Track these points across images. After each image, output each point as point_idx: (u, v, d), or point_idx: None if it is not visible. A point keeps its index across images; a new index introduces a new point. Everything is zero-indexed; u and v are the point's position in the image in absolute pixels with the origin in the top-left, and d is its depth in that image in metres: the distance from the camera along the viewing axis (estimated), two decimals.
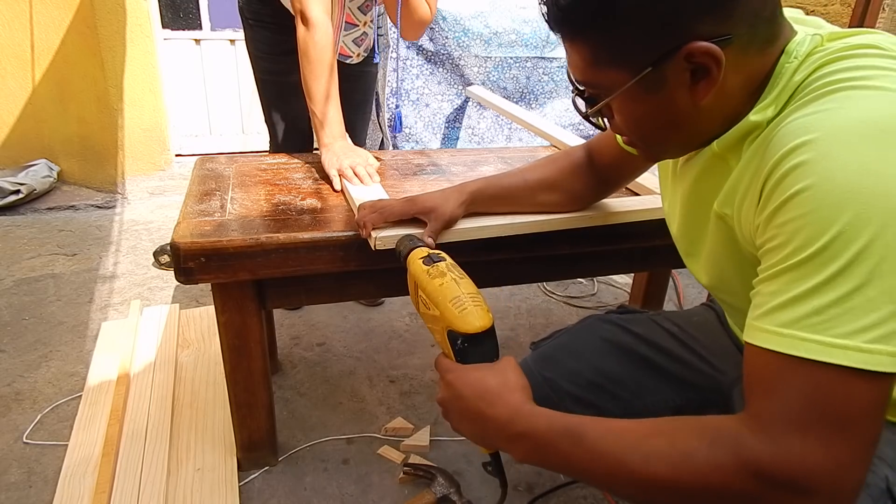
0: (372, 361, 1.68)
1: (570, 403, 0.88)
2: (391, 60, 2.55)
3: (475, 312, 0.68)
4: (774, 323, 0.51)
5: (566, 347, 0.95)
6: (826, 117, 0.51)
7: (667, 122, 0.62)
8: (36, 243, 2.33)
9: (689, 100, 0.59)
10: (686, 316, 0.98)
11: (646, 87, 0.59)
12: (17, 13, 2.59)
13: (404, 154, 1.63)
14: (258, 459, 1.28)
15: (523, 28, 2.69)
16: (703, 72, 0.56)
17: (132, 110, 2.78)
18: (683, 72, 0.57)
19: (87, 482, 1.19)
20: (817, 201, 0.49)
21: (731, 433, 0.51)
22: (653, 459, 0.54)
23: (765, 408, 0.51)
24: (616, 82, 0.60)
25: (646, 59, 0.57)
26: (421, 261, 0.76)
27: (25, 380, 1.54)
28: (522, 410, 0.63)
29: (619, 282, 2.22)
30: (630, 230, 1.15)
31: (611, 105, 0.65)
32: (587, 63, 0.61)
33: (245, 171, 1.36)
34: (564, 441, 0.59)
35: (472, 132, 2.89)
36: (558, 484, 1.26)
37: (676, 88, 0.58)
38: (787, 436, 0.49)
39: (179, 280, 1.01)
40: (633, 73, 0.58)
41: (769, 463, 0.49)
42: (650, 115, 0.62)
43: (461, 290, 0.70)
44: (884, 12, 2.43)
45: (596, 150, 0.99)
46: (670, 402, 0.89)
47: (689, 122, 0.62)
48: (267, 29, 1.62)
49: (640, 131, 0.66)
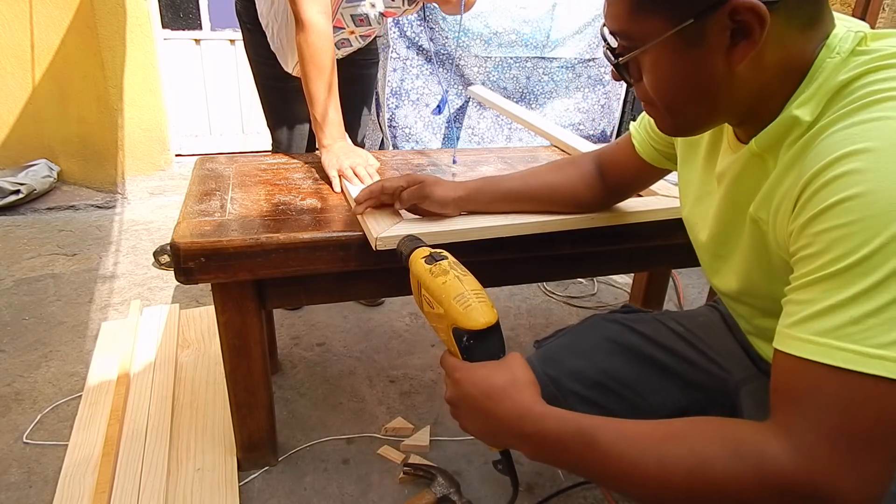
0: (372, 361, 1.68)
1: (574, 402, 0.87)
2: (391, 60, 2.55)
3: (480, 309, 0.68)
4: (809, 331, 0.50)
5: (571, 347, 0.95)
6: (875, 128, 0.50)
7: (697, 86, 0.60)
8: (36, 243, 2.33)
9: (724, 63, 0.57)
10: (691, 316, 0.97)
11: (684, 41, 0.57)
12: (17, 13, 2.59)
13: (404, 154, 1.63)
14: (258, 459, 1.28)
15: (523, 28, 2.69)
16: (744, 33, 0.54)
17: (132, 110, 2.78)
18: (724, 30, 0.55)
19: (87, 482, 1.19)
20: (864, 211, 0.47)
21: (754, 442, 0.51)
22: (669, 465, 0.53)
23: (794, 417, 0.50)
24: (653, 32, 0.58)
25: (689, 10, 0.55)
26: (423, 260, 0.75)
27: (25, 380, 1.54)
28: (532, 410, 0.62)
29: (619, 282, 2.22)
30: (631, 230, 1.15)
31: (641, 62, 0.62)
32: (627, 9, 0.59)
33: (245, 171, 1.36)
34: (576, 443, 0.58)
35: (472, 132, 2.89)
36: (558, 489, 1.26)
37: (714, 48, 0.56)
38: (814, 447, 0.48)
39: (179, 280, 1.01)
40: (674, 24, 0.56)
41: (793, 474, 0.48)
42: (682, 74, 0.60)
43: (465, 287, 0.70)
44: (884, 12, 2.43)
45: (607, 162, 0.99)
46: (676, 403, 0.88)
47: (719, 90, 0.59)
48: (265, 34, 1.62)
49: (667, 93, 0.63)
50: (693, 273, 2.27)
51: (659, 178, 0.98)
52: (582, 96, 3.01)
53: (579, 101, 3.02)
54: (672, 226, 1.18)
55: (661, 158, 0.91)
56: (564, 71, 2.89)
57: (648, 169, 0.93)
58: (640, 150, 0.92)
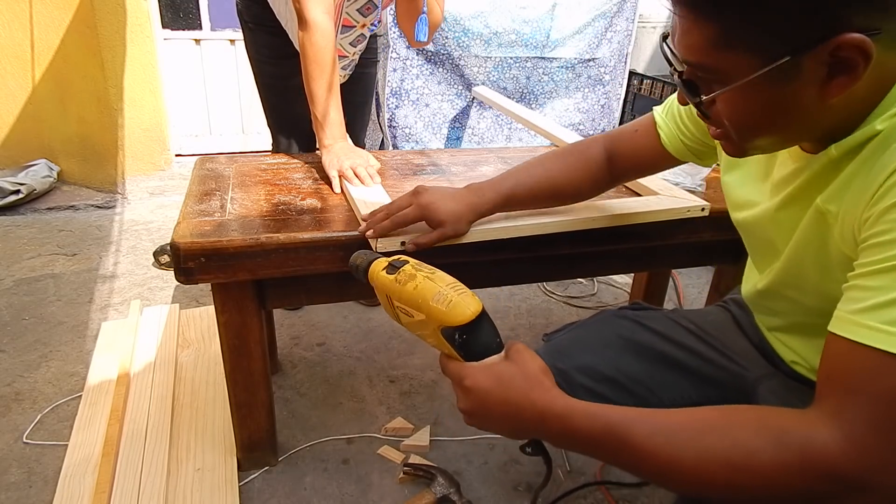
0: (372, 361, 1.68)
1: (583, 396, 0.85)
2: (391, 60, 2.55)
3: (462, 301, 0.64)
4: (878, 319, 0.48)
5: (581, 341, 0.94)
6: None
7: (780, 119, 0.56)
8: (36, 243, 2.33)
9: (816, 96, 0.52)
10: (702, 315, 0.96)
11: (774, 77, 0.52)
12: (17, 13, 2.59)
13: (404, 154, 1.63)
14: (258, 459, 1.28)
15: (523, 28, 2.69)
16: (846, 68, 0.50)
17: (132, 110, 2.78)
18: (822, 65, 0.50)
19: (87, 482, 1.19)
20: None
21: (799, 431, 0.50)
22: (710, 458, 0.52)
23: (846, 405, 0.49)
24: (741, 69, 0.53)
25: (785, 47, 0.50)
26: (384, 271, 0.72)
27: (25, 380, 1.54)
28: (554, 407, 0.60)
29: (618, 282, 2.22)
30: (631, 230, 1.15)
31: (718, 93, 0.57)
32: (710, 44, 0.53)
33: (245, 171, 1.36)
34: (607, 440, 0.57)
35: (472, 132, 2.89)
36: (562, 493, 1.26)
37: (807, 82, 0.52)
38: (867, 436, 0.47)
39: (179, 280, 1.01)
40: (766, 62, 0.51)
41: (843, 462, 0.47)
42: (766, 108, 0.55)
43: (438, 284, 0.66)
44: None
45: (622, 148, 0.95)
46: (688, 399, 0.87)
47: (805, 120, 0.56)
48: (267, 33, 1.62)
49: (745, 126, 0.58)
50: (693, 273, 2.27)
51: (671, 167, 0.95)
52: (582, 96, 3.01)
53: (579, 101, 3.02)
54: (672, 226, 1.18)
55: (687, 153, 0.89)
56: (564, 71, 2.89)
57: (669, 159, 0.91)
58: (666, 142, 0.89)
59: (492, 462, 1.33)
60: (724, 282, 1.52)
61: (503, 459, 1.33)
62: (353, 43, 1.61)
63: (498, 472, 1.30)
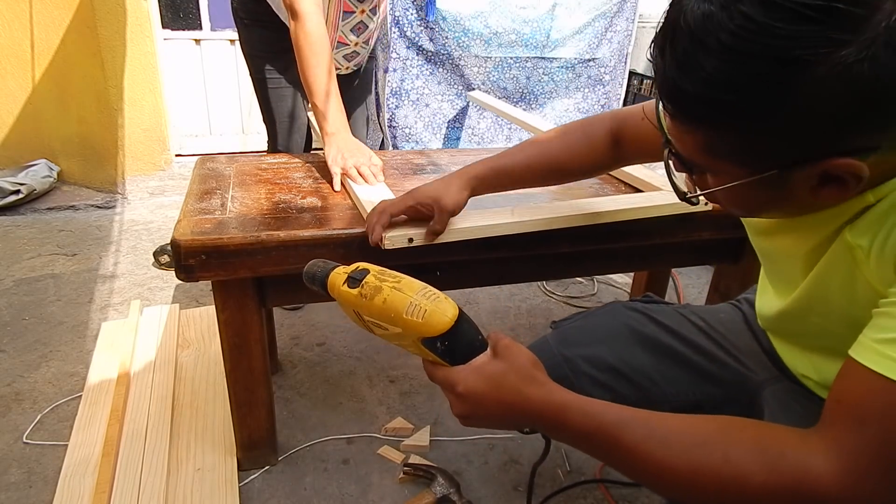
0: (372, 361, 1.68)
1: (587, 384, 0.86)
2: (391, 60, 2.55)
3: (437, 309, 0.61)
4: None
5: (589, 330, 0.94)
6: None
7: (774, 209, 0.58)
8: (36, 243, 2.33)
9: (809, 197, 0.53)
10: (712, 312, 0.96)
11: (764, 183, 0.52)
12: (17, 13, 2.59)
13: (404, 154, 1.63)
14: (258, 459, 1.28)
15: (523, 28, 2.70)
16: (837, 180, 0.50)
17: (132, 110, 2.78)
18: (812, 178, 0.50)
19: (87, 482, 1.19)
20: None
21: (796, 457, 0.49)
22: (701, 472, 0.51)
23: (851, 437, 0.48)
24: (731, 173, 0.53)
25: (774, 164, 0.50)
26: (346, 286, 0.67)
27: (25, 380, 1.53)
28: (550, 402, 0.59)
29: (618, 282, 2.22)
30: (631, 228, 1.15)
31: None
32: (700, 148, 0.54)
33: (245, 170, 1.36)
34: (601, 439, 0.57)
35: (472, 132, 2.89)
36: (556, 489, 1.26)
37: (798, 188, 0.52)
38: (865, 469, 0.46)
39: (180, 277, 1.01)
40: (753, 172, 0.52)
41: (836, 493, 0.46)
42: (758, 201, 0.57)
43: (408, 294, 0.62)
44: None
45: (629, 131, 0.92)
46: (691, 395, 0.87)
47: (801, 210, 0.57)
48: (263, 27, 1.62)
49: (736, 209, 0.60)
50: (693, 273, 2.27)
51: None
52: (582, 96, 3.01)
53: (579, 101, 3.02)
54: (672, 224, 1.18)
55: None
56: (564, 71, 2.89)
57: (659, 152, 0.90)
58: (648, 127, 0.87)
59: (492, 462, 1.32)
60: (724, 282, 1.52)
61: (503, 459, 1.33)
62: (355, 31, 1.61)
63: (498, 472, 1.30)
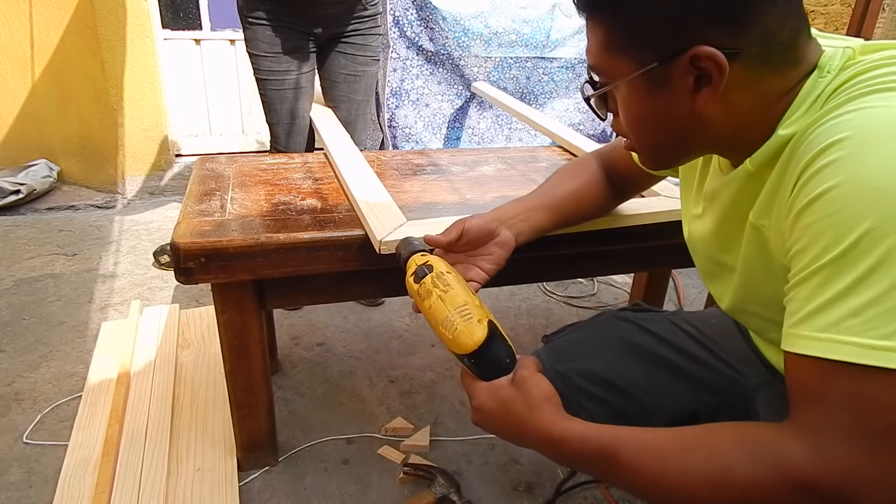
0: (372, 361, 1.68)
1: (581, 398, 0.87)
2: (391, 60, 2.55)
3: (466, 331, 0.66)
4: (812, 328, 0.49)
5: (581, 343, 0.94)
6: (858, 116, 0.50)
7: (666, 125, 0.63)
8: (36, 243, 2.33)
9: (689, 105, 0.59)
10: (703, 318, 0.96)
11: (650, 82, 0.60)
12: (16, 13, 2.59)
13: (404, 154, 1.63)
14: (258, 459, 1.28)
15: (523, 28, 2.69)
16: (706, 79, 0.56)
17: (132, 110, 2.78)
18: (687, 75, 0.57)
19: (87, 482, 1.19)
20: (844, 200, 0.47)
21: (771, 444, 0.50)
22: (691, 475, 0.53)
23: (809, 417, 0.49)
24: (622, 71, 0.61)
25: (654, 54, 0.58)
26: (412, 279, 0.73)
27: (25, 380, 1.54)
28: (552, 433, 0.62)
29: (618, 282, 2.22)
30: (631, 231, 1.15)
31: (616, 99, 0.65)
32: (601, 47, 0.62)
33: (245, 171, 1.36)
34: (599, 460, 0.59)
35: (472, 132, 2.89)
36: (558, 488, 1.26)
37: (678, 91, 0.59)
38: (833, 446, 0.47)
39: (179, 280, 1.01)
40: (640, 66, 0.59)
41: (814, 475, 0.47)
42: (650, 113, 0.62)
43: (447, 308, 0.67)
44: (884, 12, 2.43)
45: (608, 164, 0.97)
46: (686, 405, 0.88)
47: (689, 130, 0.62)
48: (267, 27, 1.62)
49: (639, 131, 0.66)
50: (693, 273, 2.28)
51: (659, 181, 0.98)
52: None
53: (579, 101, 3.02)
54: (672, 226, 1.18)
55: None
56: (564, 71, 2.89)
57: (647, 175, 0.93)
58: (637, 160, 0.91)
59: (492, 462, 1.33)
60: None
61: (503, 459, 1.33)
62: None
63: (498, 472, 1.30)
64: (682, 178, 0.84)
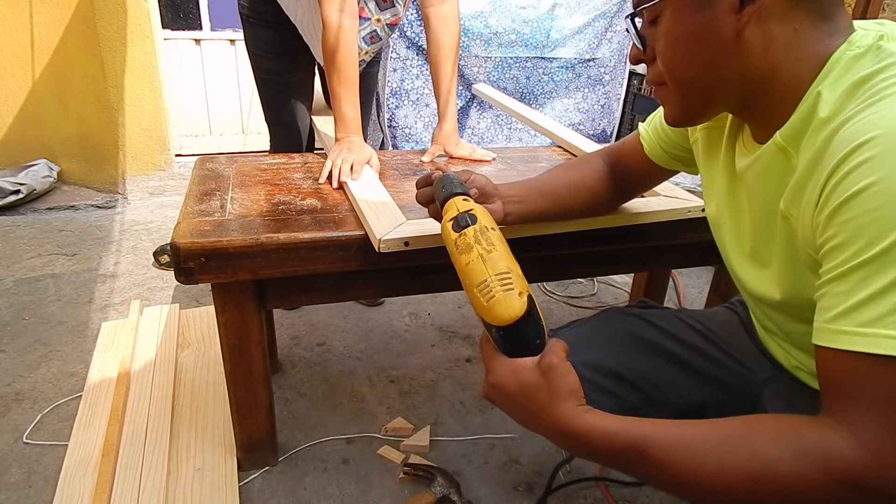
0: (372, 361, 1.68)
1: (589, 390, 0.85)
2: (391, 60, 2.55)
3: (504, 302, 0.59)
4: (854, 323, 0.49)
5: (588, 336, 0.94)
6: (892, 114, 0.50)
7: (705, 51, 0.62)
8: (36, 243, 2.33)
9: (732, 26, 0.59)
10: (709, 315, 0.96)
11: (695, 2, 0.60)
12: (16, 13, 2.59)
13: (404, 154, 1.63)
14: (258, 459, 1.28)
15: (523, 28, 2.69)
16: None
17: (132, 110, 2.78)
18: None
19: (87, 482, 1.19)
20: (886, 196, 0.47)
21: (815, 439, 0.50)
22: (729, 470, 0.52)
23: (852, 412, 0.49)
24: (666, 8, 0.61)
25: None
26: (450, 225, 0.66)
27: (25, 380, 1.54)
28: (573, 426, 0.59)
29: (618, 282, 2.22)
30: (631, 230, 1.15)
31: (657, 32, 0.64)
32: None
33: (245, 171, 1.36)
34: (627, 456, 0.57)
35: (473, 132, 2.89)
36: (558, 485, 1.26)
37: (724, 9, 0.59)
38: (879, 440, 0.47)
39: (179, 280, 1.01)
40: None
41: (861, 470, 0.47)
42: (691, 36, 0.62)
43: (489, 270, 0.60)
44: (884, 12, 2.43)
45: (616, 161, 0.98)
46: (693, 398, 0.88)
47: (727, 58, 0.61)
48: (268, 27, 1.62)
49: (675, 60, 0.64)
50: (693, 273, 2.27)
51: (666, 178, 0.98)
52: (582, 96, 3.01)
53: (579, 101, 3.02)
54: (673, 226, 1.18)
55: (669, 160, 0.91)
56: (564, 71, 2.89)
57: (656, 170, 0.93)
58: (648, 152, 0.92)
59: (492, 462, 1.33)
60: (723, 282, 1.52)
61: (503, 459, 1.33)
62: (367, 39, 1.61)
63: (498, 472, 1.30)
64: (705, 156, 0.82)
